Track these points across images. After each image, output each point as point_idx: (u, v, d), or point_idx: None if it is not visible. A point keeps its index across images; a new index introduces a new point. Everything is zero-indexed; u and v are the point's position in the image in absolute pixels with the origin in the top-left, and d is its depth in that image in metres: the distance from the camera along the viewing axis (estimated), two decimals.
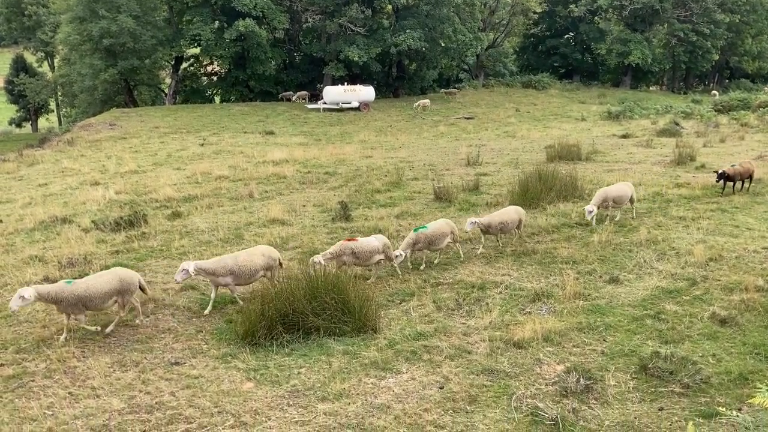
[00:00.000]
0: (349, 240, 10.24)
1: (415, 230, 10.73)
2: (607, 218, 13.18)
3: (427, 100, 44.79)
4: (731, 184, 15.16)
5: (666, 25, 63.58)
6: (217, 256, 9.73)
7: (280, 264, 9.83)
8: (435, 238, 10.72)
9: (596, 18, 66.49)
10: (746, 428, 4.61)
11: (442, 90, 50.45)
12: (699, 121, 33.97)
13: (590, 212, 12.39)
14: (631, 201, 13.27)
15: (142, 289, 8.95)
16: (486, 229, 11.36)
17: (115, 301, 8.46)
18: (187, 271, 8.76)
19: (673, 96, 61.35)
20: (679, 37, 61.84)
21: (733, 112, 37.76)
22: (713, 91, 59.32)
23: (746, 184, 15.52)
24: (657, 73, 69.23)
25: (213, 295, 9.25)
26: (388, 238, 10.79)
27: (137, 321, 8.76)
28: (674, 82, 71.82)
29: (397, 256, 10.29)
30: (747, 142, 24.47)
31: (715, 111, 39.36)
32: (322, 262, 9.52)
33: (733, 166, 15.13)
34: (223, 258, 9.32)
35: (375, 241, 10.26)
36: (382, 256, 10.27)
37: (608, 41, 62.06)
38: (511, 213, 11.74)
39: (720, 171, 14.78)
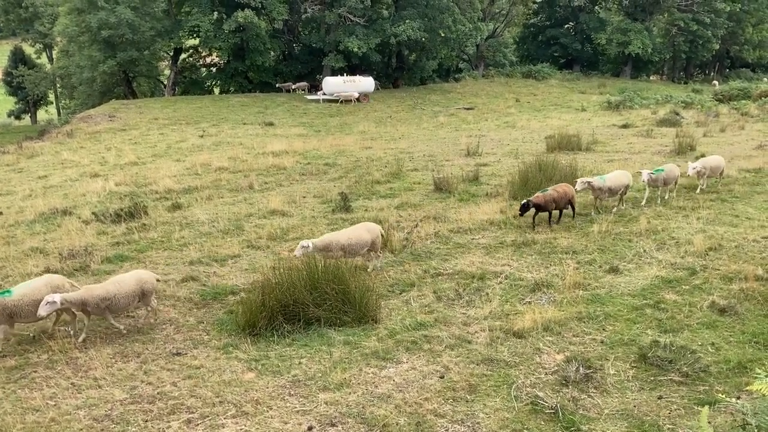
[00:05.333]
0: None
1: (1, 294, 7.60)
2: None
3: (355, 93, 42.94)
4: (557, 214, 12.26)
5: (666, 15, 63.43)
6: None
7: None
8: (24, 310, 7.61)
9: (596, 7, 66.37)
10: (744, 414, 4.64)
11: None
12: (699, 110, 33.90)
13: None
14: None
15: None
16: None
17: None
18: None
19: (674, 86, 61.23)
20: (680, 27, 61.63)
21: (734, 101, 37.71)
22: (714, 81, 59.24)
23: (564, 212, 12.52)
24: (657, 63, 69.05)
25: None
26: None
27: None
28: (674, 71, 71.67)
29: None
30: (747, 132, 24.43)
31: (716, 100, 39.31)
32: None
33: (544, 192, 11.95)
34: None
35: None
36: None
37: (608, 31, 61.94)
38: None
39: (524, 201, 11.80)
